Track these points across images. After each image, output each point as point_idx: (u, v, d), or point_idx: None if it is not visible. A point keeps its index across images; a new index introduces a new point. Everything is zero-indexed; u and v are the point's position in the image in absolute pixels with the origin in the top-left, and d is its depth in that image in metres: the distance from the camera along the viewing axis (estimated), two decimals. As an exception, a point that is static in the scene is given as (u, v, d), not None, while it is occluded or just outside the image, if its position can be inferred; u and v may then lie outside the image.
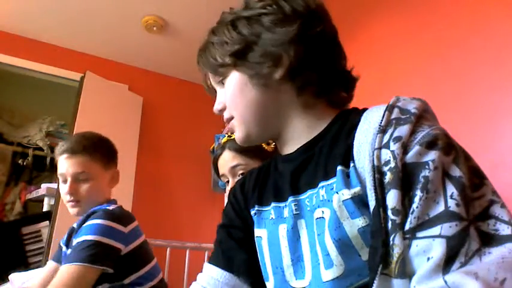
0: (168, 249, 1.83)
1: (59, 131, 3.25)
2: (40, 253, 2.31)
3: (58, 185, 1.29)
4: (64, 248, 1.25)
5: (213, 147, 2.99)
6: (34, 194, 2.72)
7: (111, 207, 1.17)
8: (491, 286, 0.37)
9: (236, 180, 1.07)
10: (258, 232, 0.64)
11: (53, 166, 1.29)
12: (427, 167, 0.44)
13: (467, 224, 0.41)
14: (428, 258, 0.41)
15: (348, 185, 0.50)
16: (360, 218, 0.48)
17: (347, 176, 0.51)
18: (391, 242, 0.43)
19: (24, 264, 2.30)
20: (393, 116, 0.49)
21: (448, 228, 0.41)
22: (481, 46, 1.38)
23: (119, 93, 2.87)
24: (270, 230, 0.62)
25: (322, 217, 0.53)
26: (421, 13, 1.66)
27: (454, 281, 0.38)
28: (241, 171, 1.08)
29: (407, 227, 0.43)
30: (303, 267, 0.55)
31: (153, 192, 2.85)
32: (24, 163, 3.09)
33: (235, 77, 0.62)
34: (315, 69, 0.59)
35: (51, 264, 1.32)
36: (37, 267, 1.82)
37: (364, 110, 0.56)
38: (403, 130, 0.47)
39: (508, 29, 1.30)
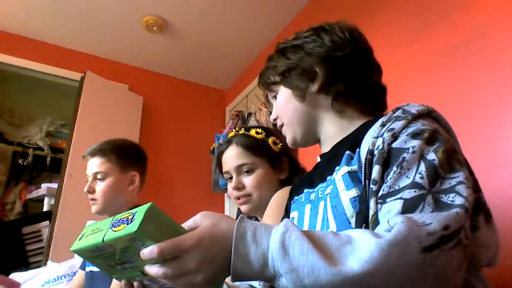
0: (168, 249, 1.83)
1: (59, 130, 3.25)
2: (40, 253, 2.31)
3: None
4: None
5: (213, 147, 3.00)
6: (34, 194, 2.73)
7: None
8: (417, 224, 0.44)
9: (240, 178, 1.08)
10: (292, 215, 0.78)
11: (53, 166, 1.32)
12: (407, 151, 0.53)
13: (426, 193, 0.49)
14: (385, 214, 0.51)
15: (348, 163, 0.62)
16: (352, 189, 0.58)
17: (351, 158, 0.63)
18: (368, 206, 0.54)
19: (24, 264, 2.30)
20: (395, 115, 0.59)
21: (408, 193, 0.50)
22: (481, 46, 1.38)
23: (119, 93, 2.87)
24: (299, 211, 0.74)
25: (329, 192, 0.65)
26: (421, 14, 1.66)
27: (392, 219, 0.46)
28: (246, 170, 1.07)
29: (379, 194, 0.53)
30: None
31: (153, 192, 2.84)
32: (25, 163, 3.09)
33: (282, 92, 0.80)
34: (343, 82, 0.73)
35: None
36: (37, 267, 1.82)
37: None
38: (398, 124, 0.57)
39: (509, 29, 1.30)
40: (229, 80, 3.33)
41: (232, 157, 1.08)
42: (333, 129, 0.76)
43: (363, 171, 0.57)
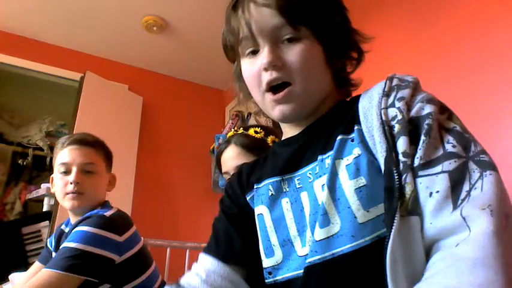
0: (168, 250, 1.83)
1: (59, 131, 3.25)
2: (40, 253, 2.31)
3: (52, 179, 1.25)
4: (53, 253, 1.23)
5: (213, 147, 3.00)
6: (34, 194, 2.72)
7: (108, 213, 1.11)
8: (502, 224, 0.40)
9: None
10: (258, 210, 0.65)
11: (53, 166, 1.26)
12: (430, 116, 0.50)
13: (466, 160, 0.46)
14: (431, 193, 0.45)
15: (345, 151, 0.55)
16: (357, 178, 0.52)
17: (348, 141, 0.55)
18: (403, 182, 0.47)
19: (24, 264, 2.30)
20: (394, 83, 0.56)
21: (448, 165, 0.46)
22: (481, 47, 1.38)
23: (119, 93, 2.87)
24: (271, 206, 0.63)
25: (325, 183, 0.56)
26: (421, 14, 1.66)
27: (468, 214, 0.41)
28: None
29: (413, 167, 0.48)
30: (306, 235, 0.57)
31: (153, 192, 2.85)
32: (24, 163, 3.09)
33: (312, 45, 0.62)
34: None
35: (36, 265, 1.31)
36: (37, 267, 1.82)
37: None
38: (405, 92, 0.54)
39: (509, 29, 1.30)
40: (229, 80, 3.32)
41: (231, 157, 1.07)
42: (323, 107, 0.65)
43: (384, 145, 0.50)
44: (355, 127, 0.55)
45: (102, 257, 1.03)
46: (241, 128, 1.14)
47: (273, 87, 0.61)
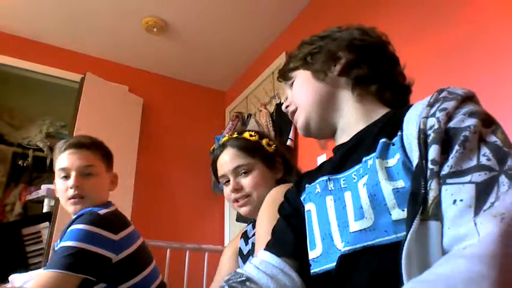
0: (168, 251, 1.82)
1: (59, 132, 3.26)
2: (40, 254, 2.31)
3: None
4: None
5: (213, 148, 3.00)
6: (34, 195, 2.72)
7: (101, 212, 1.11)
8: (509, 231, 0.40)
9: (238, 179, 1.08)
10: (307, 207, 0.71)
11: (53, 167, 1.26)
12: (468, 129, 0.50)
13: (497, 174, 0.46)
14: (454, 201, 0.46)
15: (387, 153, 0.58)
16: (397, 181, 0.54)
17: (390, 145, 0.59)
18: (428, 188, 0.48)
19: (24, 265, 2.30)
20: (442, 95, 0.57)
21: (478, 176, 0.46)
22: (482, 46, 1.38)
23: (119, 94, 2.87)
24: (317, 203, 0.68)
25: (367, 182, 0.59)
26: (422, 14, 1.66)
27: (481, 221, 0.42)
28: (243, 171, 1.08)
29: (440, 174, 0.49)
30: (348, 231, 0.60)
31: (153, 193, 2.85)
32: (24, 164, 3.09)
33: (301, 75, 0.78)
34: (365, 67, 0.73)
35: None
36: (37, 268, 1.82)
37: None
38: (449, 104, 0.54)
39: (508, 30, 1.30)
40: (229, 81, 3.33)
41: (228, 160, 1.09)
42: (353, 116, 0.73)
43: (417, 152, 0.52)
44: (398, 133, 0.58)
45: (98, 254, 1.02)
46: (235, 133, 1.18)
47: None
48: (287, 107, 0.82)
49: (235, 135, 1.16)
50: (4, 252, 2.30)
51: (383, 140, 0.59)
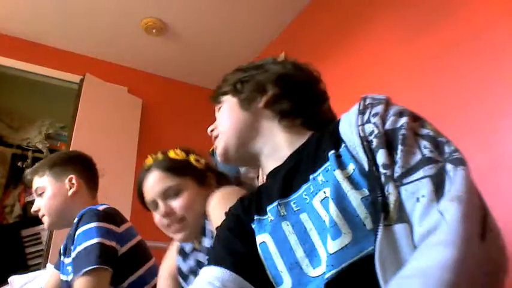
0: (168, 251, 1.82)
1: (58, 133, 3.25)
2: (39, 255, 2.31)
3: None
4: (62, 257, 1.23)
5: (213, 149, 2.99)
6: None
7: (100, 208, 1.16)
8: (469, 210, 0.44)
9: (168, 202, 0.98)
10: (260, 238, 0.65)
11: None
12: (402, 127, 0.54)
13: (443, 164, 0.49)
14: (417, 199, 0.47)
15: (342, 164, 0.58)
16: (362, 189, 0.54)
17: (339, 156, 0.59)
18: (387, 192, 0.50)
19: (23, 266, 2.30)
20: (367, 102, 0.61)
21: (429, 170, 0.49)
22: (481, 46, 1.38)
23: (118, 96, 2.87)
24: (273, 232, 0.63)
25: (327, 196, 0.57)
26: (420, 13, 1.67)
27: (444, 209, 0.44)
28: (173, 193, 0.98)
29: (394, 176, 0.51)
30: (317, 255, 0.56)
31: (152, 194, 2.84)
32: (24, 165, 3.08)
33: (228, 102, 0.81)
34: (290, 102, 0.76)
35: (51, 269, 1.32)
36: (36, 270, 1.82)
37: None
38: (378, 108, 0.58)
39: (508, 30, 1.30)
40: (229, 82, 3.33)
41: (155, 183, 0.99)
42: (281, 141, 0.74)
43: (365, 159, 0.54)
44: (342, 145, 0.60)
45: (113, 247, 1.08)
46: (159, 153, 1.10)
47: None
48: (211, 130, 0.85)
49: (160, 156, 1.07)
50: (3, 253, 2.30)
51: (332, 152, 0.60)
